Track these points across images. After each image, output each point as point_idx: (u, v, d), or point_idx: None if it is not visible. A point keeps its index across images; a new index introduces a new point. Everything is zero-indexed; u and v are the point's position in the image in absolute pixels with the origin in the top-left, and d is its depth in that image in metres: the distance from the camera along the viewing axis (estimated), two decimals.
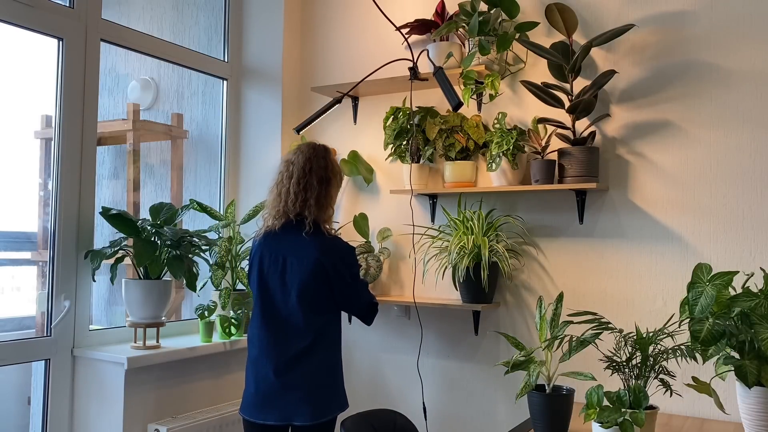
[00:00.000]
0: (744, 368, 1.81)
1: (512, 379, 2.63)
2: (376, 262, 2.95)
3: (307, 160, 2.32)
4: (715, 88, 2.45)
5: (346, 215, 3.21)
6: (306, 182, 2.29)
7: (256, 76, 3.38)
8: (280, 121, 3.29)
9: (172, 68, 3.69)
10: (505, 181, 2.67)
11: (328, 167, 2.35)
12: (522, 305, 2.77)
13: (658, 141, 2.54)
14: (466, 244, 2.61)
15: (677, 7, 2.52)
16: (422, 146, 2.87)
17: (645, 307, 2.53)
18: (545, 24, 2.69)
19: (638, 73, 2.58)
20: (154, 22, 3.78)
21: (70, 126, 2.57)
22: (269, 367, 2.27)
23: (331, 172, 2.35)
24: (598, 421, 1.75)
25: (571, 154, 2.52)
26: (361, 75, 2.92)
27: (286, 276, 2.28)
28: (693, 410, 2.42)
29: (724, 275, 1.82)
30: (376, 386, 3.10)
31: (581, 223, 2.66)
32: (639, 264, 2.55)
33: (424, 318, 2.94)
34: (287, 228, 2.30)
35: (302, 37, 3.42)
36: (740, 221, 2.39)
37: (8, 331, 3.40)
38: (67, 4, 2.60)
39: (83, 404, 2.58)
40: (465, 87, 2.68)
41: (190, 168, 3.64)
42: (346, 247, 2.36)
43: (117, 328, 2.80)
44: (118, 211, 2.59)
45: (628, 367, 1.92)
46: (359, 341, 3.15)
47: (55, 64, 2.58)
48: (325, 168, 2.34)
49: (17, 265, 3.48)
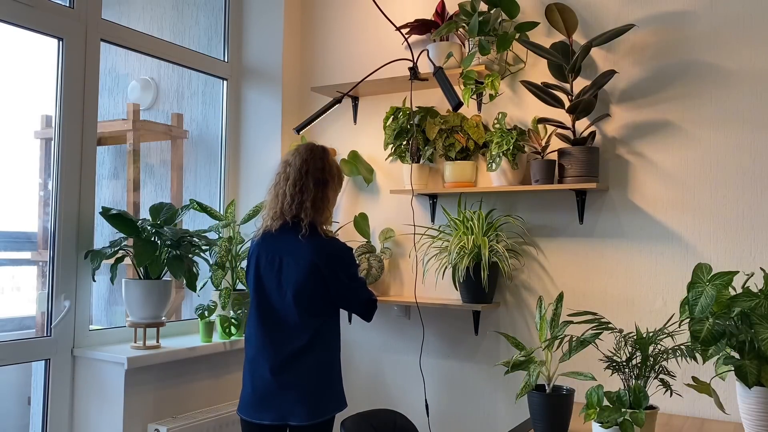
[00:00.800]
0: (744, 368, 1.81)
1: (512, 379, 2.63)
2: (378, 263, 2.95)
3: (303, 161, 2.31)
4: (715, 88, 2.45)
5: (346, 215, 3.21)
6: (302, 184, 2.28)
7: (256, 76, 3.38)
8: (280, 121, 3.29)
9: (172, 68, 3.69)
10: (505, 181, 2.67)
11: (325, 169, 2.33)
12: (522, 305, 2.77)
13: (658, 141, 2.54)
14: (466, 244, 2.61)
15: (677, 7, 2.52)
16: (422, 146, 2.87)
17: (645, 307, 2.53)
18: (545, 24, 2.69)
19: (638, 73, 2.58)
20: (154, 22, 3.78)
21: (70, 126, 2.57)
22: (266, 367, 2.27)
23: (328, 174, 2.33)
24: (598, 421, 1.75)
25: (571, 154, 2.52)
26: (361, 75, 2.92)
27: (282, 276, 2.28)
28: (693, 410, 2.42)
29: (724, 275, 1.82)
30: (376, 386, 3.10)
31: (581, 223, 2.66)
32: (639, 264, 2.55)
33: (425, 318, 2.94)
34: (284, 229, 2.30)
35: (302, 37, 3.42)
36: (740, 221, 2.39)
37: (8, 331, 3.40)
38: (67, 4, 2.60)
39: (83, 404, 2.58)
40: (465, 87, 2.68)
41: (190, 168, 3.65)
42: (342, 248, 2.35)
43: (117, 328, 2.80)
44: (118, 211, 2.59)
45: (628, 367, 1.92)
46: (359, 341, 3.15)
47: (55, 64, 2.58)
48: (321, 170, 2.32)
49: (17, 265, 3.48)
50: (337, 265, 2.30)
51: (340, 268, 2.30)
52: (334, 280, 2.29)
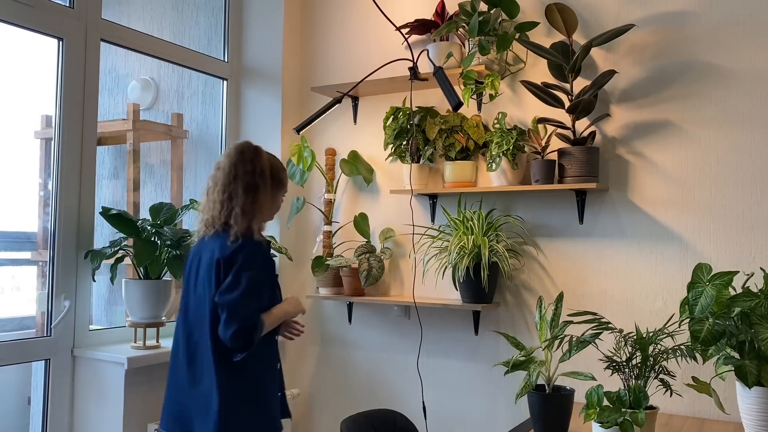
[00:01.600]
0: (744, 368, 1.81)
1: (512, 379, 2.63)
2: (378, 263, 2.95)
3: (232, 165, 2.10)
4: (715, 89, 2.45)
5: (346, 215, 3.21)
6: (231, 190, 2.08)
7: (256, 76, 3.38)
8: (280, 121, 3.29)
9: (172, 68, 3.69)
10: (505, 181, 2.67)
11: (256, 172, 2.10)
12: (522, 305, 2.77)
13: (658, 141, 2.54)
14: (466, 244, 2.61)
15: (677, 7, 2.52)
16: (422, 146, 2.87)
17: (645, 307, 2.53)
18: (545, 24, 2.69)
19: (638, 73, 2.58)
20: (154, 22, 3.78)
21: (70, 126, 2.57)
22: (182, 376, 2.10)
23: (259, 178, 2.10)
24: (598, 421, 1.75)
25: (571, 154, 2.52)
26: (361, 75, 2.92)
27: (198, 277, 2.12)
28: (693, 410, 2.41)
29: (724, 275, 1.83)
30: (376, 386, 3.10)
31: (581, 223, 2.66)
32: (639, 264, 2.55)
33: (424, 318, 2.94)
34: (216, 236, 2.10)
35: (302, 37, 3.42)
36: (740, 221, 2.39)
37: (8, 331, 3.40)
38: (67, 4, 2.60)
39: (83, 404, 2.58)
40: (465, 87, 2.68)
41: (190, 168, 3.65)
42: (250, 244, 2.05)
43: (117, 328, 2.80)
44: (118, 211, 2.59)
45: (628, 367, 1.92)
46: (359, 341, 3.15)
47: (55, 64, 2.58)
48: (252, 173, 2.09)
49: (17, 265, 3.48)
50: (237, 256, 2.01)
51: (239, 259, 2.01)
52: (225, 275, 2.01)
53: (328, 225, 3.18)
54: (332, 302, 3.21)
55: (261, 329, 2.02)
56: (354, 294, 3.00)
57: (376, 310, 3.10)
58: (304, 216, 3.32)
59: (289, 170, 3.20)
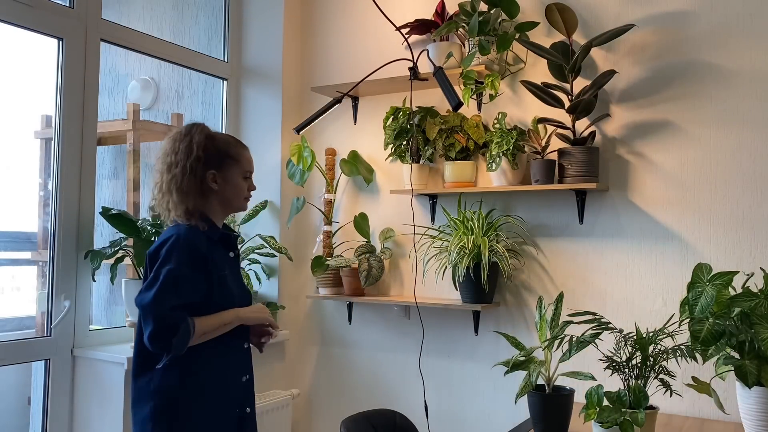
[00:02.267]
0: (744, 368, 1.81)
1: (512, 379, 2.63)
2: (378, 263, 2.95)
3: (157, 159, 1.94)
4: (715, 88, 2.45)
5: (346, 215, 3.21)
6: (165, 180, 1.90)
7: (256, 76, 3.38)
8: (280, 121, 3.29)
9: (172, 68, 3.69)
10: (505, 181, 2.67)
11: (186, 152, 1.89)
12: (522, 305, 2.77)
13: (658, 141, 2.54)
14: (466, 244, 2.61)
15: (677, 7, 2.52)
16: (422, 146, 2.87)
17: (645, 307, 2.53)
18: (545, 24, 2.69)
19: (638, 73, 2.58)
20: (154, 22, 3.78)
21: (70, 126, 2.57)
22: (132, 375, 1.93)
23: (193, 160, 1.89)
24: (598, 421, 1.75)
25: (571, 154, 2.52)
26: (361, 75, 2.92)
27: None
28: (693, 410, 2.41)
29: (724, 275, 1.83)
30: (376, 386, 3.10)
31: (581, 223, 2.66)
32: (639, 264, 2.55)
33: (424, 318, 2.94)
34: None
35: (302, 37, 3.42)
36: (740, 221, 2.39)
37: (8, 331, 3.40)
38: (67, 4, 2.60)
39: (83, 404, 2.58)
40: (465, 87, 2.68)
41: None
42: (176, 235, 1.84)
43: (117, 328, 2.80)
44: (118, 211, 2.59)
45: (628, 367, 1.92)
46: (359, 341, 3.15)
47: (55, 64, 2.58)
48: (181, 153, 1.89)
49: (17, 265, 3.48)
50: (160, 249, 1.84)
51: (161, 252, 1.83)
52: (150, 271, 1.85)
53: (328, 225, 3.18)
54: (332, 302, 3.21)
55: (188, 331, 1.76)
56: (354, 294, 3.00)
57: (376, 310, 3.10)
58: (304, 216, 3.32)
59: (289, 170, 3.21)
